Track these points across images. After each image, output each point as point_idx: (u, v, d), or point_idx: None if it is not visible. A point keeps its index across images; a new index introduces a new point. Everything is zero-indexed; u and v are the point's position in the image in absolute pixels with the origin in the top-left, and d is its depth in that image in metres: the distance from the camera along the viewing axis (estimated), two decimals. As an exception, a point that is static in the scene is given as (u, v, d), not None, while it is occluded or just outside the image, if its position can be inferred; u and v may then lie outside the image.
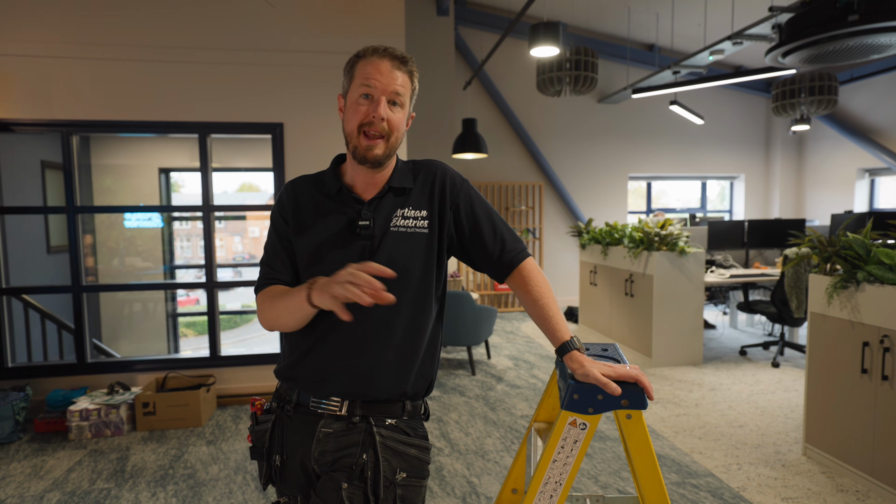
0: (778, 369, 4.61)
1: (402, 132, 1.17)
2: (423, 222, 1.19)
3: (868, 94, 7.55)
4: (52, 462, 3.10)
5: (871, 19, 2.71)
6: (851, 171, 7.91)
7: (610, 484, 2.74)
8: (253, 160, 6.92)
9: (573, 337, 1.15)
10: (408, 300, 1.17)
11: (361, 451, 1.14)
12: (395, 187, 1.20)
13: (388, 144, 1.14)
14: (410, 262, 1.16)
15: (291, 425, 1.20)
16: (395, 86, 1.13)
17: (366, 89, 1.12)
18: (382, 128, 1.12)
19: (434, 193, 1.22)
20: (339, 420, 1.16)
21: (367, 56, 1.14)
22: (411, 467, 1.18)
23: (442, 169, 1.25)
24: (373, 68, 1.12)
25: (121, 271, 6.44)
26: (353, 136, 1.14)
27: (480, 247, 1.23)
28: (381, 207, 1.19)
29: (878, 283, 2.54)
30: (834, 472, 2.82)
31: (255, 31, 3.86)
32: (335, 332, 1.16)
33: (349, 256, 1.15)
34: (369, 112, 1.12)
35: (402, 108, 1.16)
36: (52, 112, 3.65)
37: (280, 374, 1.24)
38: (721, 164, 8.80)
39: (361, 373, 1.16)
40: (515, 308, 8.00)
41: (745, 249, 5.83)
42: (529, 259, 1.25)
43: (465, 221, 1.23)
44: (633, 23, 7.44)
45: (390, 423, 1.18)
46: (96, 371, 3.85)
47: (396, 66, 1.14)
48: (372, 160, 1.14)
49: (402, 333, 1.17)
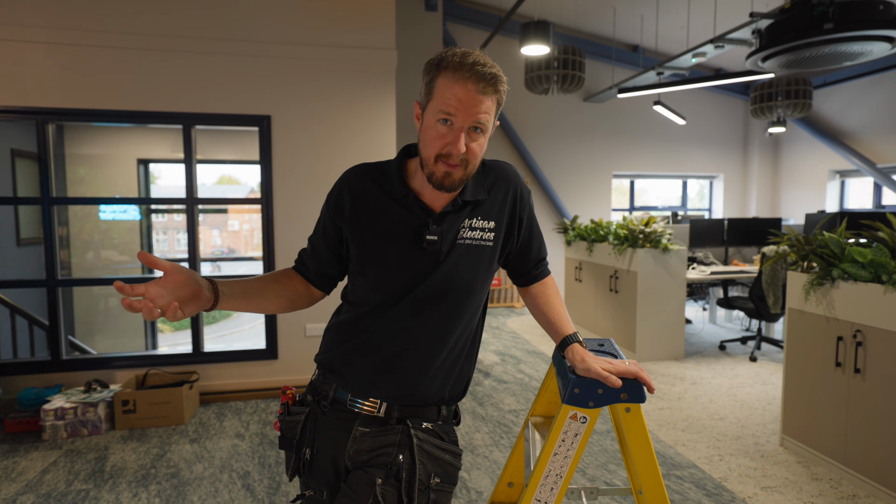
0: (755, 363, 4.73)
1: (482, 156, 1.09)
2: (489, 234, 1.15)
3: (840, 98, 7.80)
4: (24, 463, 2.99)
5: (844, 28, 2.86)
6: (824, 173, 8.16)
7: (598, 477, 2.78)
8: (235, 152, 6.81)
9: (575, 332, 1.18)
10: (462, 314, 1.15)
11: (398, 451, 1.13)
12: (467, 201, 1.14)
13: (465, 171, 1.07)
14: (472, 276, 1.14)
15: (325, 420, 1.18)
16: (478, 114, 1.02)
17: (446, 116, 1.02)
18: (462, 159, 1.05)
19: (506, 205, 1.18)
20: (376, 421, 1.15)
21: (451, 72, 1.01)
22: (445, 473, 1.17)
23: (515, 177, 1.21)
24: (455, 95, 1.00)
25: (96, 265, 6.28)
26: (429, 163, 1.06)
27: (524, 259, 1.25)
28: (450, 219, 1.13)
29: (852, 280, 2.64)
30: (809, 461, 2.92)
31: (242, 21, 3.80)
32: (388, 339, 1.14)
33: (411, 271, 1.11)
34: (448, 143, 1.03)
35: (484, 134, 1.06)
36: (26, 99, 3.52)
37: (322, 363, 1.21)
38: (701, 164, 8.97)
39: (408, 380, 1.14)
40: (502, 304, 8.05)
41: (725, 247, 5.95)
42: (550, 276, 1.30)
43: (524, 236, 1.23)
44: (618, 24, 7.52)
45: (426, 427, 1.17)
46: (72, 368, 3.74)
47: (482, 89, 1.01)
48: (448, 187, 1.07)
49: (452, 343, 1.16)
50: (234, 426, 3.49)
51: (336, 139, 3.97)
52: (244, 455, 3.08)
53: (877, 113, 7.33)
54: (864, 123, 7.46)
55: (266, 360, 4.00)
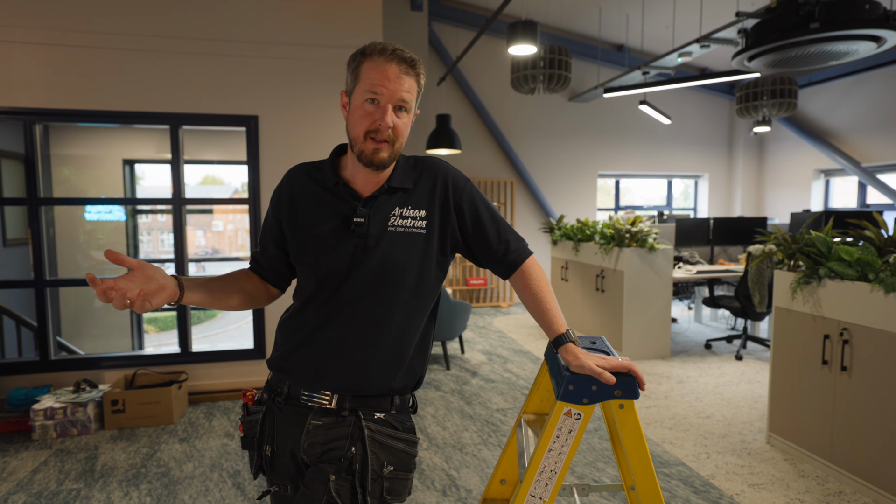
0: (741, 362, 4.80)
1: (407, 134, 1.18)
2: (421, 222, 1.19)
3: (824, 98, 7.89)
4: (14, 463, 2.98)
5: (830, 27, 2.87)
6: (808, 172, 8.28)
7: (586, 474, 2.81)
8: (220, 153, 6.75)
9: (568, 330, 1.19)
10: (403, 300, 1.18)
11: (350, 443, 1.16)
12: (395, 187, 1.20)
13: (393, 149, 1.14)
14: (406, 262, 1.17)
15: (282, 416, 1.21)
16: (402, 92, 1.11)
17: (372, 95, 1.11)
18: (389, 135, 1.12)
19: (436, 194, 1.21)
20: (329, 413, 1.18)
21: (374, 57, 1.11)
22: (398, 461, 1.20)
23: (444, 169, 1.24)
24: (380, 74, 1.10)
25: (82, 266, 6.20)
26: (358, 141, 1.14)
27: (485, 247, 1.25)
28: (378, 205, 1.18)
29: (839, 279, 2.67)
30: (796, 458, 2.96)
31: (229, 21, 3.77)
32: (330, 328, 1.17)
33: (342, 253, 1.16)
34: (376, 119, 1.11)
35: (407, 113, 1.15)
36: (14, 99, 3.49)
37: (272, 364, 1.24)
38: (686, 164, 9.06)
39: (354, 369, 1.17)
40: (488, 303, 8.07)
41: (711, 246, 6.02)
42: (532, 257, 1.28)
43: (469, 222, 1.23)
44: (603, 23, 7.57)
45: (379, 417, 1.19)
46: (61, 368, 3.71)
47: (404, 70, 1.12)
48: (378, 164, 1.13)
49: (396, 332, 1.18)
50: (223, 425, 3.47)
51: (324, 139, 3.96)
52: (234, 454, 3.06)
53: (861, 112, 7.41)
54: (849, 123, 7.56)
55: (254, 359, 3.99)
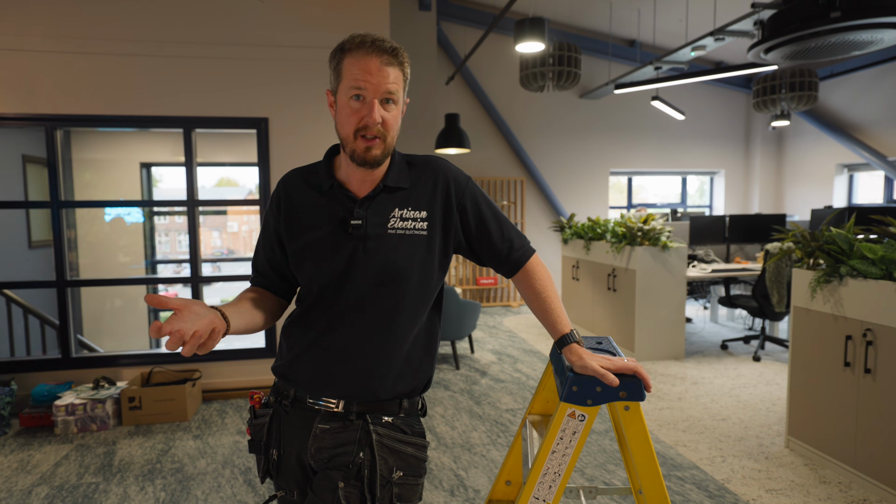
0: (759, 363, 4.70)
1: (399, 127, 1.14)
2: (422, 223, 1.16)
3: (848, 89, 7.64)
4: (38, 456, 3.07)
5: (853, 16, 2.67)
6: (830, 167, 8.05)
7: (596, 476, 2.77)
8: (234, 155, 6.83)
9: (573, 330, 1.17)
10: (405, 304, 1.15)
11: (358, 449, 1.13)
12: (390, 186, 1.16)
13: (385, 144, 1.10)
14: (408, 265, 1.13)
15: (288, 420, 1.19)
16: (387, 84, 1.07)
17: (356, 91, 1.06)
18: (378, 130, 1.08)
19: (437, 194, 1.18)
20: (336, 417, 1.15)
21: (354, 51, 1.07)
22: (408, 466, 1.17)
23: (445, 168, 1.21)
24: (362, 69, 1.06)
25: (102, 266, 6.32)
26: (349, 141, 1.10)
27: (488, 247, 1.23)
28: (375, 206, 1.15)
29: (861, 278, 2.57)
30: (817, 464, 2.87)
31: (239, 25, 3.82)
32: (333, 335, 1.15)
33: (340, 257, 1.13)
34: (363, 116, 1.07)
35: (396, 104, 1.10)
36: (36, 106, 3.60)
37: (277, 371, 1.22)
38: (701, 160, 8.92)
39: (360, 376, 1.15)
40: (498, 303, 8.05)
41: (727, 244, 5.92)
42: (535, 255, 1.26)
43: (472, 222, 1.21)
44: (614, 18, 7.49)
45: (387, 421, 1.17)
46: (81, 366, 3.80)
47: (387, 61, 1.07)
48: (371, 161, 1.10)
49: (400, 336, 1.16)
50: (236, 423, 3.51)
51: (333, 140, 3.92)
52: (245, 451, 3.10)
53: (887, 103, 7.11)
54: (874, 115, 7.28)
55: (266, 358, 4.04)
